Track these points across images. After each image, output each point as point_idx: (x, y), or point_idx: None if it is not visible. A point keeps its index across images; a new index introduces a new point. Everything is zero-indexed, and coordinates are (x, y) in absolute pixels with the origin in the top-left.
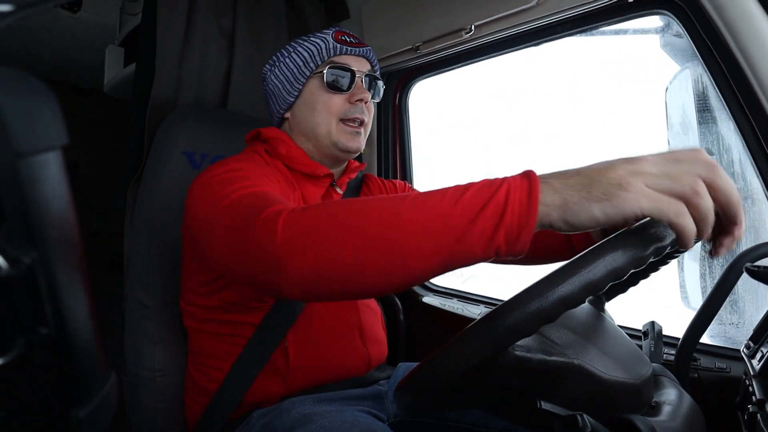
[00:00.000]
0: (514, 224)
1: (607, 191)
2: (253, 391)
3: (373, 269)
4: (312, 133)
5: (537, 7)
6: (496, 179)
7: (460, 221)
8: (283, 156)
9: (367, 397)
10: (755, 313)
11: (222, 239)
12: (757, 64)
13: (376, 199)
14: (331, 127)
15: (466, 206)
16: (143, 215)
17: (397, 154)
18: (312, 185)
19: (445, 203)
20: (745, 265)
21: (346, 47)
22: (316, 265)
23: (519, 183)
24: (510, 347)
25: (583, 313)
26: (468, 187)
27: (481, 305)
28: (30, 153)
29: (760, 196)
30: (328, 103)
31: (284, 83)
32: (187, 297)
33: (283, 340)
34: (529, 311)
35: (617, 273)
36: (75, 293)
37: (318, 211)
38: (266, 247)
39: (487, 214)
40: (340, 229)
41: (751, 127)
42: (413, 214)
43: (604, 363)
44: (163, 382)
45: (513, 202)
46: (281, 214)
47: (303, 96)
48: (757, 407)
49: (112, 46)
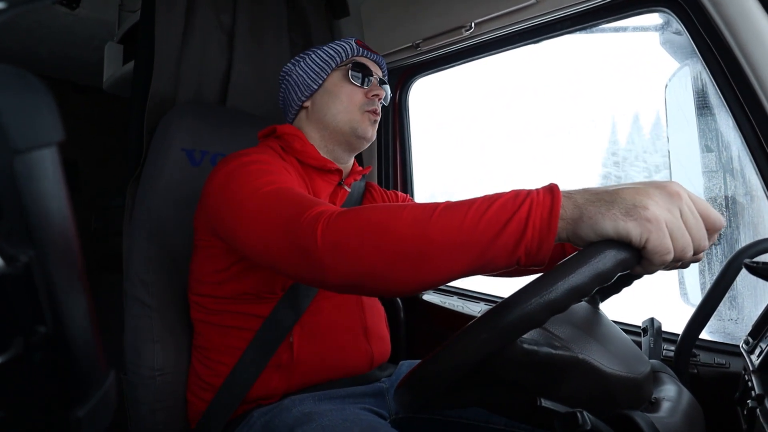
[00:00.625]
0: (535, 239)
1: (626, 208)
2: (256, 387)
3: (402, 275)
4: (332, 120)
5: (536, 4)
6: (521, 192)
7: (483, 236)
8: (297, 151)
9: (368, 395)
10: (754, 309)
11: (263, 232)
12: (756, 62)
13: (407, 209)
14: (353, 115)
15: (491, 221)
16: (142, 213)
17: (397, 150)
18: (321, 180)
19: (470, 218)
20: (744, 261)
21: (366, 51)
22: (352, 269)
23: (542, 199)
24: (518, 340)
25: (583, 311)
26: (493, 201)
27: (481, 303)
28: (26, 149)
29: (759, 193)
30: (350, 94)
31: (309, 73)
32: (196, 288)
33: (289, 334)
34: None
35: (625, 265)
36: (73, 292)
37: (355, 218)
38: (310, 249)
39: (510, 230)
40: (376, 237)
41: (750, 124)
42: (442, 227)
43: (606, 358)
44: (163, 381)
45: (534, 218)
46: (321, 218)
47: (326, 86)
48: (756, 402)
49: (111, 43)
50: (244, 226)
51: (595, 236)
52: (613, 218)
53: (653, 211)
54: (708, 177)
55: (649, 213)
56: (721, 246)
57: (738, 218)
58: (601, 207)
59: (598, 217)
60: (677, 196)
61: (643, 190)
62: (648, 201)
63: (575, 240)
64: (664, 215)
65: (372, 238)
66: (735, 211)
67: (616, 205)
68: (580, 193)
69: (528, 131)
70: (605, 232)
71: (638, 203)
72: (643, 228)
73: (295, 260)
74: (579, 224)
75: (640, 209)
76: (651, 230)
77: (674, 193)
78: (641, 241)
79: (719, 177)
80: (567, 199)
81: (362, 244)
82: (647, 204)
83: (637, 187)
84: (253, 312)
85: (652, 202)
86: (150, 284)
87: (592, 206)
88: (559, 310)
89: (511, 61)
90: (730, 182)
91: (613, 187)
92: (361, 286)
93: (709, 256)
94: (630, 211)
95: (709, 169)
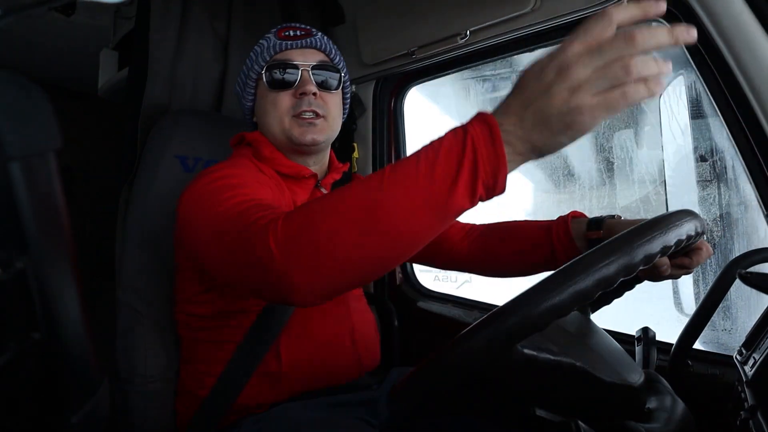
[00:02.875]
0: (489, 174)
1: (564, 122)
2: (245, 395)
3: (370, 258)
4: (270, 135)
5: (532, 12)
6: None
7: (440, 190)
8: (267, 158)
9: (358, 403)
10: (748, 320)
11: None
12: (749, 71)
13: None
14: (284, 123)
15: (442, 175)
16: (135, 220)
17: (393, 159)
18: (298, 187)
19: (421, 178)
20: (738, 271)
21: (289, 42)
22: (320, 267)
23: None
24: (518, 345)
25: (576, 319)
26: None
27: (476, 310)
28: (22, 156)
29: (753, 203)
30: (275, 102)
31: (240, 92)
32: (180, 306)
33: (276, 343)
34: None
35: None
36: (67, 298)
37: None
38: (267, 264)
39: (464, 177)
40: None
41: (744, 133)
42: (395, 194)
43: (601, 366)
44: (155, 388)
45: (482, 157)
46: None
47: (257, 99)
48: (749, 414)
49: (106, 50)
50: (204, 248)
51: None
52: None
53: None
54: (702, 186)
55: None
56: (715, 256)
57: (732, 228)
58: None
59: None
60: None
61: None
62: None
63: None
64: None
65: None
66: (729, 222)
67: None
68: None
69: None
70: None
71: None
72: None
73: (255, 279)
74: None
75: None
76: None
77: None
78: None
79: (713, 186)
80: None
81: (322, 236)
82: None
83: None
84: (236, 326)
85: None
86: (142, 291)
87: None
88: (562, 314)
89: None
90: (724, 192)
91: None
92: (335, 284)
93: (703, 266)
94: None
95: (704, 178)
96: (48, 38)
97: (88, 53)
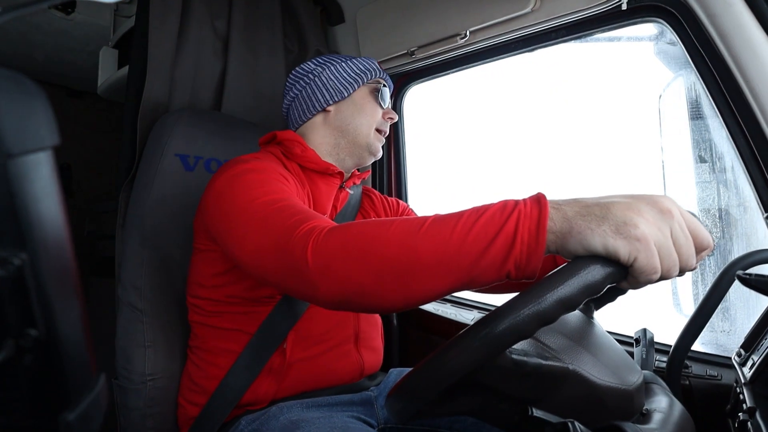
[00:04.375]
0: (524, 253)
1: (618, 229)
2: (246, 391)
3: (393, 292)
4: (353, 131)
5: (531, 13)
6: (509, 203)
7: (472, 251)
8: (298, 156)
9: (356, 403)
10: (746, 321)
11: (254, 246)
12: (749, 73)
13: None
14: (371, 131)
15: (479, 235)
16: (136, 218)
17: (392, 157)
18: (323, 183)
19: (458, 232)
20: (737, 272)
21: (385, 74)
22: (343, 288)
23: (529, 211)
24: (507, 351)
25: (576, 320)
26: (481, 213)
27: (474, 311)
28: (20, 153)
29: (752, 204)
30: (374, 111)
31: (340, 80)
32: (194, 290)
33: (283, 340)
34: (528, 313)
35: (613, 278)
36: (65, 296)
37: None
38: (301, 269)
39: (498, 245)
40: (364, 256)
41: (743, 135)
42: (430, 243)
43: (597, 369)
44: (154, 387)
45: (522, 231)
46: (311, 237)
47: (354, 97)
48: (747, 415)
49: (105, 48)
50: (237, 238)
51: (584, 251)
52: (603, 235)
53: (643, 229)
54: (701, 188)
55: (639, 232)
56: (714, 257)
57: (731, 229)
58: (591, 222)
59: (587, 233)
60: (668, 214)
61: (635, 205)
62: (638, 219)
63: (563, 253)
64: (654, 234)
65: (361, 257)
66: (728, 223)
67: (607, 222)
68: (569, 205)
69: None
70: (594, 248)
71: (629, 221)
72: (632, 247)
73: (286, 277)
74: (568, 238)
75: (631, 227)
76: (639, 250)
77: (666, 210)
78: (629, 259)
79: (713, 188)
80: (556, 211)
81: (352, 264)
82: (638, 222)
83: (629, 202)
84: (250, 315)
85: (643, 220)
86: (142, 289)
87: (582, 220)
88: (548, 322)
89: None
90: (724, 193)
91: (605, 199)
92: (350, 303)
93: (702, 268)
94: (620, 229)
95: (703, 179)
96: (48, 36)
97: (88, 51)
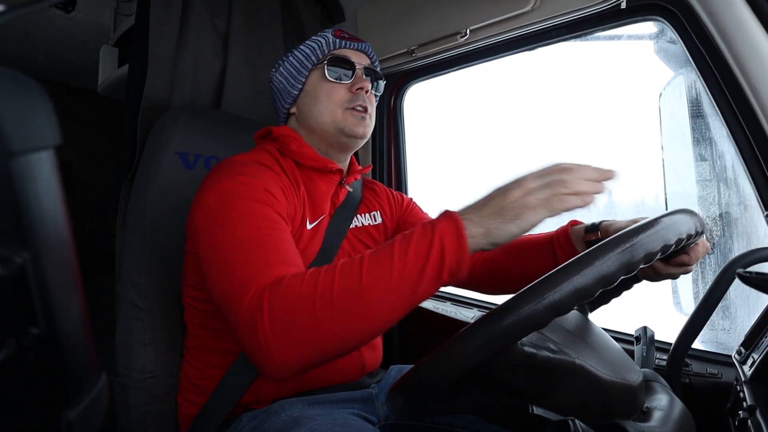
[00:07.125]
0: (454, 262)
1: (515, 213)
2: (247, 391)
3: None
4: (317, 123)
5: (532, 11)
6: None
7: (411, 275)
8: (294, 152)
9: (357, 400)
10: (747, 319)
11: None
12: (749, 71)
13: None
14: (336, 114)
15: (413, 262)
16: (136, 216)
17: (392, 155)
18: (321, 180)
19: (396, 264)
20: (737, 270)
21: (345, 41)
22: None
23: (447, 229)
24: (518, 343)
25: (576, 318)
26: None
27: (474, 309)
28: (22, 152)
29: (753, 202)
30: (330, 93)
31: (288, 78)
32: (188, 291)
33: None
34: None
35: (629, 267)
36: (66, 294)
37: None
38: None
39: (431, 263)
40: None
41: (743, 133)
42: (373, 281)
43: (601, 365)
44: (154, 384)
45: (448, 246)
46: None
47: (306, 89)
48: (747, 413)
49: (106, 47)
50: (214, 269)
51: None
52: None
53: (522, 200)
54: (702, 186)
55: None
56: (714, 255)
57: (731, 228)
58: (496, 219)
59: (502, 228)
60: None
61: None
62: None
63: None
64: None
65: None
66: (728, 221)
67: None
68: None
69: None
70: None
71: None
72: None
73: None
74: (489, 236)
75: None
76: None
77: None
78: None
79: (713, 186)
80: (467, 221)
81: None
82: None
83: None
84: None
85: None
86: (142, 286)
87: (491, 221)
88: (563, 312)
89: (505, 68)
90: (724, 191)
91: (489, 197)
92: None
93: (703, 266)
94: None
95: (703, 178)
96: (48, 34)
97: (89, 50)
